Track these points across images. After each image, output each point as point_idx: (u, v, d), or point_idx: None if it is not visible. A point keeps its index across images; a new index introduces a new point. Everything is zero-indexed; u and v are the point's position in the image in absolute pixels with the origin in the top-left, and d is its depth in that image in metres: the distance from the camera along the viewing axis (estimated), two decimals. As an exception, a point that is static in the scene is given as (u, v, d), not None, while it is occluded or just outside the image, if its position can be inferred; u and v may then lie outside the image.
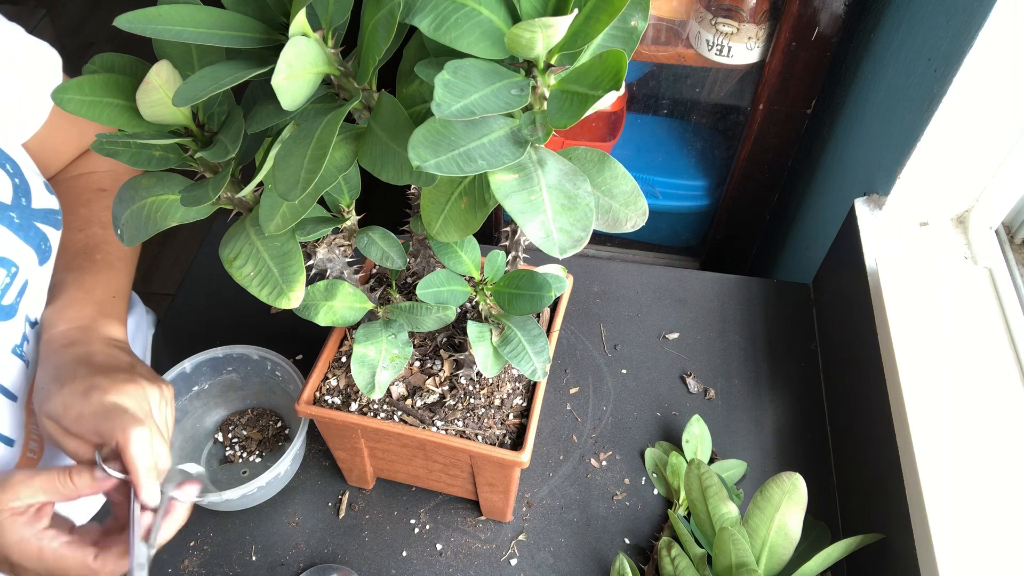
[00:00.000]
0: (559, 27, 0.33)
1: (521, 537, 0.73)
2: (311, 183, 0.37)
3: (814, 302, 0.94)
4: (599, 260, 0.99)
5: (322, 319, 0.57)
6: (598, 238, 1.46)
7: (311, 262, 0.57)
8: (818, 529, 0.69)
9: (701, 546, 0.65)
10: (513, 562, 0.71)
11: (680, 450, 0.77)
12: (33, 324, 0.62)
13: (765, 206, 1.27)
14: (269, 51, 0.39)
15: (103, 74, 0.40)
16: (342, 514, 0.74)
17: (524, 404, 0.64)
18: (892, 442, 0.67)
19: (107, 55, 0.42)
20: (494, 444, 0.61)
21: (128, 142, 0.43)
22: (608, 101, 0.35)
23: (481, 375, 0.63)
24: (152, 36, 0.36)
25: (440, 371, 0.65)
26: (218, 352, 0.75)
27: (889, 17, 0.92)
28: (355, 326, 0.59)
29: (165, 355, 0.86)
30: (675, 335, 0.90)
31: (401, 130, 0.39)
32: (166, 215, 0.47)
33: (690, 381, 0.85)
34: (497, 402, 0.63)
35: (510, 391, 0.64)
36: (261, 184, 0.46)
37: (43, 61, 0.63)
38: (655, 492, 0.76)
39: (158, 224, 0.46)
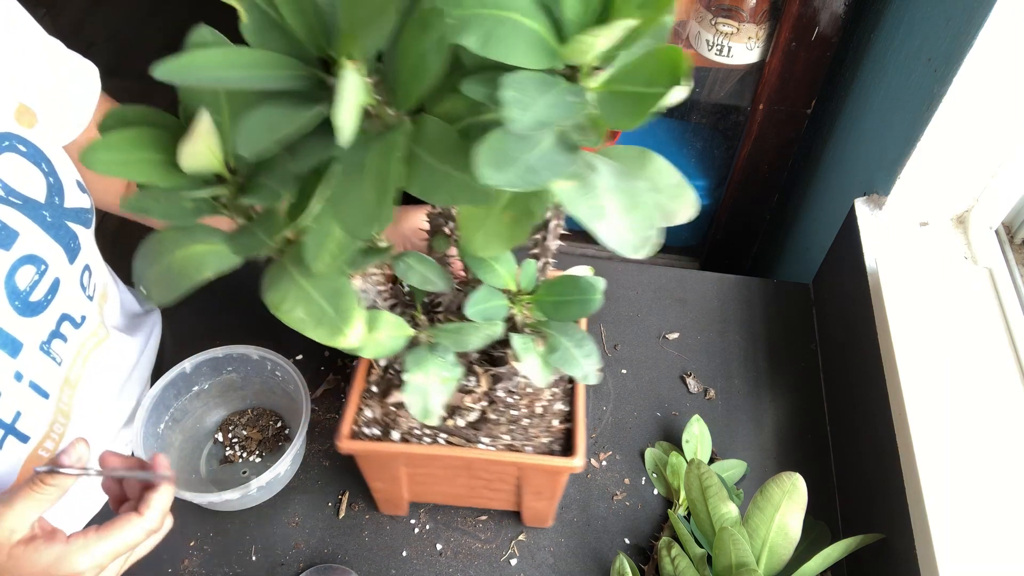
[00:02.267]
0: (614, 34, 0.33)
1: (521, 537, 0.73)
2: (379, 216, 0.36)
3: (814, 302, 0.94)
4: (599, 260, 0.98)
5: (368, 352, 0.55)
6: (598, 238, 1.45)
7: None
8: (818, 529, 0.69)
9: (701, 546, 0.65)
10: (513, 562, 0.71)
11: (680, 450, 0.77)
12: (76, 323, 0.64)
13: (765, 206, 1.27)
14: (307, 87, 0.38)
15: (134, 129, 0.39)
16: (342, 514, 0.74)
17: (566, 408, 0.63)
18: (892, 442, 0.67)
19: (120, 109, 0.40)
20: (544, 453, 0.60)
21: (160, 197, 0.41)
22: (676, 98, 0.35)
23: (519, 386, 0.63)
24: (194, 84, 0.35)
25: (476, 387, 0.63)
26: (218, 352, 0.75)
27: (889, 17, 0.92)
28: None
29: (166, 355, 0.86)
30: (675, 335, 0.90)
31: (451, 153, 0.38)
32: (200, 267, 0.44)
33: (690, 381, 0.85)
34: (539, 410, 0.62)
35: (550, 397, 0.63)
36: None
37: (85, 73, 0.66)
38: (655, 492, 0.76)
39: (192, 277, 0.44)
